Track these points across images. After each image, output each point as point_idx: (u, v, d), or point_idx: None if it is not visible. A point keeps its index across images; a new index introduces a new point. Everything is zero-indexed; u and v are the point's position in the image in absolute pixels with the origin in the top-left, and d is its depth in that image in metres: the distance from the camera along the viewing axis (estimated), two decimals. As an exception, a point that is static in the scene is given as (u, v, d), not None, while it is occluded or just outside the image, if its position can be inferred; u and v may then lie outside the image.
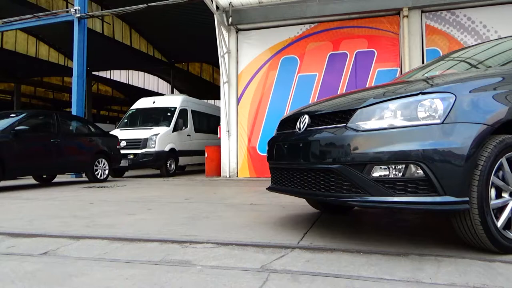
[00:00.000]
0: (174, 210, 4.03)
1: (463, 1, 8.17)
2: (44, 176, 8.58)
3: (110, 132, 9.92)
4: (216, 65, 11.63)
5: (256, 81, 9.62)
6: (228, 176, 9.53)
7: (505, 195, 2.15)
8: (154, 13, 13.95)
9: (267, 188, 3.21)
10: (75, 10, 10.45)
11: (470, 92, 2.18)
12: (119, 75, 30.41)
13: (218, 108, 11.06)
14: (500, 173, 2.14)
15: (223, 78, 9.60)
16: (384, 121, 2.19)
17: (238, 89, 9.73)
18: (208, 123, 13.04)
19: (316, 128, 2.57)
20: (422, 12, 8.55)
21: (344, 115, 2.40)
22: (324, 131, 2.46)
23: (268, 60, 9.57)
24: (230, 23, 9.46)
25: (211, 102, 20.23)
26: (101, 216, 3.69)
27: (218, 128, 9.97)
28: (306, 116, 2.71)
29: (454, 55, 3.75)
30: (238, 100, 9.71)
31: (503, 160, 2.13)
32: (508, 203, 2.14)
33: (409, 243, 2.41)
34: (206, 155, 10.18)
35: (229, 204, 4.44)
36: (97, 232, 2.93)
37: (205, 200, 4.97)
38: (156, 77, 32.96)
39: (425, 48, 8.52)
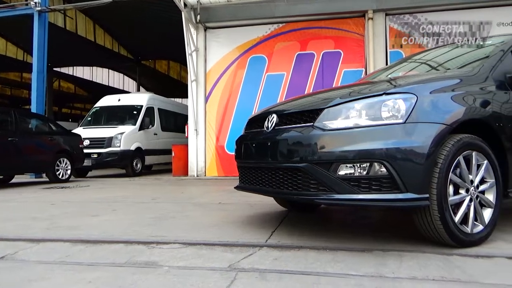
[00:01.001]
0: (140, 211, 3.94)
1: (424, 5, 8.49)
2: (1, 177, 8.15)
3: (73, 131, 9.58)
4: (184, 63, 11.47)
5: (224, 79, 9.57)
6: (196, 175, 9.44)
7: (462, 191, 2.25)
8: (119, 8, 13.58)
9: (235, 187, 3.21)
10: (35, 3, 9.97)
11: (430, 93, 2.27)
12: (82, 72, 29.37)
13: (186, 107, 10.92)
14: (458, 170, 2.24)
15: (191, 76, 9.49)
16: (349, 121, 2.24)
17: (206, 88, 9.65)
18: (176, 122, 12.85)
19: (284, 127, 2.59)
20: (386, 15, 8.82)
21: (311, 114, 2.43)
22: (292, 130, 2.48)
23: (236, 59, 9.55)
24: (198, 21, 9.36)
25: (179, 100, 19.95)
26: (63, 218, 3.56)
27: (186, 126, 9.85)
28: (274, 115, 2.72)
29: (415, 57, 3.89)
30: (206, 98, 9.63)
31: (460, 158, 2.23)
32: (465, 199, 2.25)
33: (373, 239, 2.47)
34: (173, 154, 10.04)
35: (197, 204, 4.40)
36: (58, 235, 2.81)
37: (172, 200, 4.90)
38: (121, 75, 32.08)
39: (388, 50, 8.79)
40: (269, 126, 2.71)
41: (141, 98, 11.45)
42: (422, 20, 8.69)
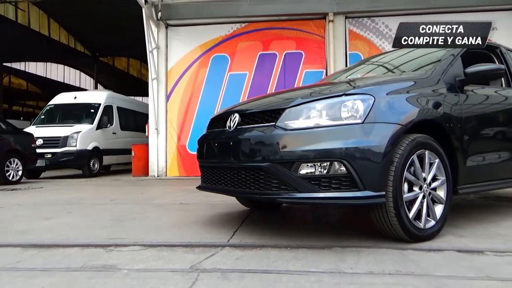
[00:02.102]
0: (98, 212, 3.80)
1: (382, 10, 8.81)
2: None
3: (25, 130, 9.07)
4: (144, 60, 11.18)
5: (186, 78, 9.45)
6: (156, 175, 9.25)
7: (416, 188, 2.36)
8: (75, 2, 13.02)
9: (197, 187, 3.17)
10: (-19, -8, 9.36)
11: (387, 94, 2.36)
12: (36, 68, 27.87)
13: (146, 105, 10.66)
14: (412, 169, 2.34)
15: (151, 74, 9.28)
16: (310, 121, 2.28)
17: (168, 86, 9.48)
18: (136, 121, 12.51)
19: (246, 126, 2.59)
20: (346, 18, 9.07)
21: (273, 114, 2.45)
22: (254, 129, 2.49)
23: (198, 58, 9.45)
24: (159, 17, 9.18)
25: (139, 99, 19.44)
26: (14, 222, 3.36)
27: (146, 126, 9.62)
28: (237, 115, 2.72)
29: (373, 59, 4.03)
30: (168, 97, 9.46)
31: (414, 157, 2.33)
32: (418, 196, 2.36)
33: (333, 237, 2.54)
34: (133, 154, 9.77)
35: (158, 204, 4.31)
36: (8, 239, 2.66)
37: (132, 200, 4.77)
38: (78, 71, 30.76)
39: (348, 52, 9.05)
40: (232, 125, 2.71)
41: (99, 96, 11.04)
42: (380, 24, 9.02)
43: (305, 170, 2.22)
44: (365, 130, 2.20)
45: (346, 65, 8.75)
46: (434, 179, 2.46)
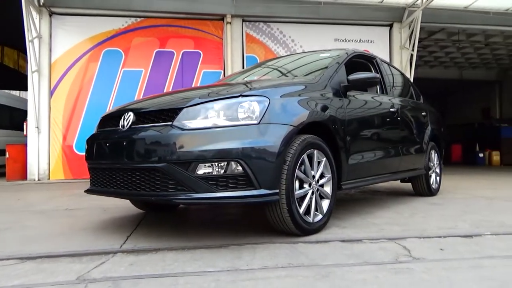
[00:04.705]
0: (-39, 224, 3.25)
1: (277, 16, 9.27)
2: None
3: None
4: (22, 50, 9.93)
5: (73, 72, 8.65)
6: (37, 179, 8.29)
7: (306, 186, 2.54)
8: None
9: (85, 191, 2.93)
10: None
11: (281, 96, 2.49)
12: None
13: (25, 101, 9.47)
14: (303, 167, 2.51)
15: (31, 66, 8.28)
16: (208, 121, 2.29)
17: (51, 81, 8.56)
18: (11, 118, 11.01)
19: (141, 126, 2.49)
20: (243, 21, 9.31)
21: (170, 113, 2.39)
22: (150, 129, 2.40)
23: (88, 51, 8.74)
24: (41, 3, 8.25)
25: (15, 93, 17.17)
26: None
27: (25, 124, 8.55)
28: (131, 113, 2.59)
29: (269, 63, 4.21)
30: (52, 92, 8.55)
31: (305, 156, 2.51)
32: (308, 193, 2.54)
33: (230, 235, 2.58)
34: (7, 155, 8.59)
35: (38, 211, 3.87)
36: None
37: (6, 208, 4.19)
38: None
39: (245, 54, 9.30)
40: (125, 124, 2.57)
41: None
42: (275, 29, 9.47)
43: (202, 170, 2.21)
44: (260, 130, 2.28)
45: (243, 67, 9.00)
46: (321, 176, 2.68)
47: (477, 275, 1.75)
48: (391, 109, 3.77)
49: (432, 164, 4.72)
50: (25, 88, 8.52)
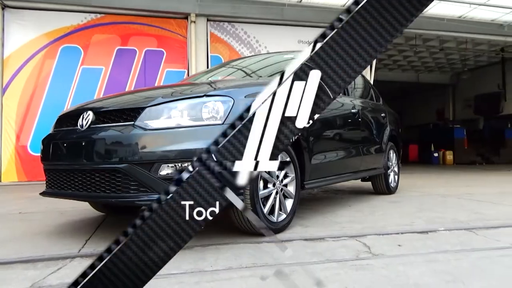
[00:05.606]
0: None
1: (241, 16, 9.26)
2: None
3: None
4: (-30, 44, 9.31)
5: (28, 69, 8.22)
6: (-13, 181, 7.82)
7: (270, 185, 2.56)
8: None
9: (41, 193, 2.80)
10: None
11: (245, 97, 2.49)
12: None
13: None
14: (267, 167, 2.52)
15: (-19, 61, 7.80)
16: (171, 120, 2.25)
17: (3, 77, 8.09)
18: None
19: (101, 125, 2.41)
20: (208, 20, 9.23)
21: (132, 113, 2.34)
22: (110, 129, 2.33)
23: (44, 47, 8.33)
24: (-9, -5, 7.80)
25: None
26: None
27: (-26, 122, 8.05)
28: (90, 113, 2.51)
29: (233, 63, 4.21)
30: (4, 90, 8.08)
31: (269, 156, 2.52)
32: (272, 193, 2.56)
33: (195, 237, 2.54)
34: (-46, 156, 8.05)
35: (-11, 216, 3.65)
36: None
37: (-48, 213, 3.92)
38: None
39: (209, 54, 9.23)
40: (84, 124, 2.48)
41: None
42: (239, 29, 9.47)
43: (165, 170, 2.18)
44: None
45: (208, 67, 8.93)
46: (285, 176, 2.71)
47: (432, 269, 1.84)
48: (353, 110, 3.88)
49: (391, 164, 4.90)
50: (-26, 85, 8.02)
